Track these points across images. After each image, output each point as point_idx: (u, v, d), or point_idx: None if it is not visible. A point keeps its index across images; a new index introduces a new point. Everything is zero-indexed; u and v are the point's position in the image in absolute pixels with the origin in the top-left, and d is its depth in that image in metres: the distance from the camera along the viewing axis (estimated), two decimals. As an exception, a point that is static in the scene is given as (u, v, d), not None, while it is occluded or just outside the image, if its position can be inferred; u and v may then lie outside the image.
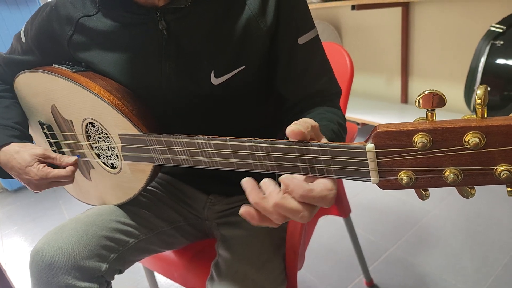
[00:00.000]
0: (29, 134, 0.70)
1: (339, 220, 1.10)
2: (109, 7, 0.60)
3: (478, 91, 0.30)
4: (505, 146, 0.30)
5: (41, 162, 0.61)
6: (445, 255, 1.21)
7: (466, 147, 0.31)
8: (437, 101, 0.31)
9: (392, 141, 0.33)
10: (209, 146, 0.47)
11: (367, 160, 0.35)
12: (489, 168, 0.31)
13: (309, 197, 0.36)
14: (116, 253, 0.63)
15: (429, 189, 0.35)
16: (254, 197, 0.38)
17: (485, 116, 0.31)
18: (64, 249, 0.58)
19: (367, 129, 2.16)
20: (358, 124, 1.95)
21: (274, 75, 0.62)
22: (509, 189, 0.31)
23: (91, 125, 0.64)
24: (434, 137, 0.32)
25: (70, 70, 0.63)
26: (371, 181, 0.36)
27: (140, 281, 1.31)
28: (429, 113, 0.32)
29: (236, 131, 0.59)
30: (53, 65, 0.67)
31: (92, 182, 0.72)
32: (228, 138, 0.45)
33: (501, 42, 1.30)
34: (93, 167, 0.69)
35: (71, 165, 0.63)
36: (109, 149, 0.64)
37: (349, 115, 1.97)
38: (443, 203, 1.49)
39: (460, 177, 0.32)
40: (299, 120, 0.40)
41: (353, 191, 1.66)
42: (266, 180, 0.38)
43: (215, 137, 0.46)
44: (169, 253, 0.81)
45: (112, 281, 0.64)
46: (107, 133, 0.61)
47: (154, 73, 0.60)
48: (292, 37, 0.59)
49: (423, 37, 1.85)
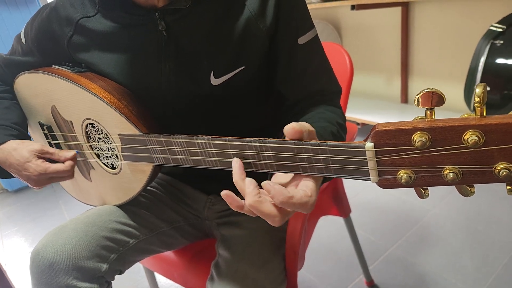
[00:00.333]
0: (27, 135, 0.70)
1: (339, 220, 1.10)
2: (109, 8, 0.60)
3: (476, 90, 0.30)
4: (504, 144, 0.30)
5: (40, 157, 0.61)
6: (445, 254, 1.21)
7: (465, 145, 0.31)
8: (436, 99, 0.31)
9: (391, 140, 0.33)
10: (209, 146, 0.47)
11: (366, 159, 0.35)
12: (488, 166, 0.31)
13: (289, 204, 0.37)
14: (116, 254, 0.63)
15: (428, 188, 0.35)
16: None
17: (484, 114, 0.31)
18: (64, 249, 0.58)
19: (367, 129, 2.16)
20: (358, 124, 1.94)
21: (274, 75, 0.62)
22: (508, 187, 0.31)
23: (91, 126, 0.64)
24: (433, 136, 0.32)
25: (70, 71, 0.63)
26: (370, 180, 0.37)
27: (140, 281, 1.31)
28: (428, 112, 0.32)
29: (236, 131, 0.59)
30: (53, 66, 0.67)
31: (92, 182, 0.72)
32: (228, 138, 0.45)
33: (501, 41, 1.30)
34: (93, 168, 0.69)
35: (70, 159, 0.63)
36: (109, 150, 0.64)
37: (349, 115, 1.97)
38: (443, 202, 1.49)
39: (459, 176, 0.32)
40: (297, 122, 0.41)
41: (353, 191, 1.66)
42: (247, 179, 0.40)
43: (215, 137, 0.46)
44: (169, 253, 0.81)
45: (112, 282, 0.64)
46: (107, 134, 0.61)
47: (153, 74, 0.60)
48: (292, 37, 0.59)
49: (423, 36, 1.85)
